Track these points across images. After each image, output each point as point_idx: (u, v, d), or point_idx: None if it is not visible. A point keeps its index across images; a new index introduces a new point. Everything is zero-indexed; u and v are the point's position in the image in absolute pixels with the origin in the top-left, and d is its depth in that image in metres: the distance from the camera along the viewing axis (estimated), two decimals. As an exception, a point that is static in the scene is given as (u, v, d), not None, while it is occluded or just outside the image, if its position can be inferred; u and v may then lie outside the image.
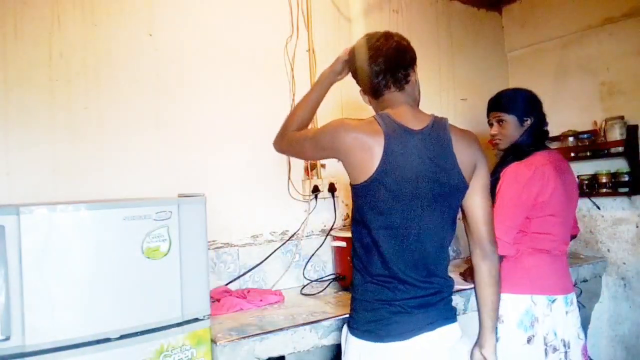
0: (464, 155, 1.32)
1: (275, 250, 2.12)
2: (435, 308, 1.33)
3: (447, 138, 1.32)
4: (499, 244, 1.71)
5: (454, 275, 2.19)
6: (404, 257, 1.31)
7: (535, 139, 1.83)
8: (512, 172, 1.74)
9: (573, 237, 2.04)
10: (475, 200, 1.35)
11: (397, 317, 1.30)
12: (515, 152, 1.81)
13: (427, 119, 1.35)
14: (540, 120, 1.85)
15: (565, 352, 1.73)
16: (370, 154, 1.28)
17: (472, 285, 2.00)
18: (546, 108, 1.88)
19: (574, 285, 1.93)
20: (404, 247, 1.31)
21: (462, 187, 1.33)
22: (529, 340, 1.72)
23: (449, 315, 1.37)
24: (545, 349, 1.72)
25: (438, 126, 1.33)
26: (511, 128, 1.84)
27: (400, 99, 1.38)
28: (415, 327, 1.29)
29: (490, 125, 1.92)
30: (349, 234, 2.05)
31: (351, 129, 1.30)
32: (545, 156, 1.77)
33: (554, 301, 1.73)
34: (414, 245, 1.31)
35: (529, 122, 1.83)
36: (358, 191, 1.36)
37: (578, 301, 1.90)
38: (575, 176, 1.93)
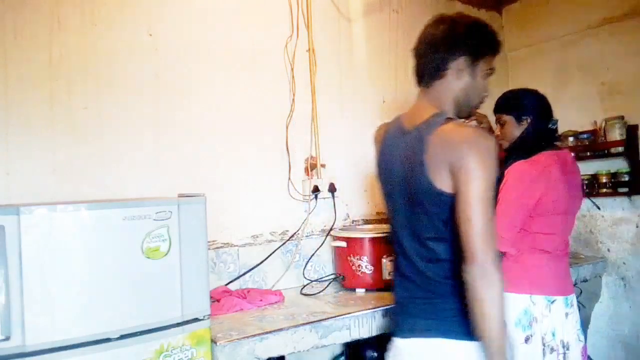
0: (438, 159, 1.16)
1: (275, 250, 2.12)
2: (412, 316, 1.28)
3: (426, 139, 1.18)
4: (497, 239, 1.71)
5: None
6: (400, 255, 1.33)
7: (537, 137, 1.82)
8: (518, 171, 1.74)
9: None
10: (456, 211, 1.14)
11: (393, 314, 1.38)
12: (516, 151, 1.82)
13: (424, 116, 1.23)
14: (542, 118, 1.85)
15: (564, 354, 1.73)
16: (376, 155, 1.43)
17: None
18: (546, 108, 1.88)
19: (574, 286, 1.93)
20: (397, 246, 1.34)
21: (431, 192, 1.18)
22: (526, 340, 1.73)
23: (422, 326, 1.24)
24: (543, 349, 1.72)
25: (426, 125, 1.21)
26: (510, 128, 1.87)
27: (420, 95, 1.30)
28: (397, 328, 1.33)
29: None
30: (349, 234, 2.06)
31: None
32: (552, 156, 1.77)
33: (553, 302, 1.73)
34: (402, 246, 1.32)
35: (527, 120, 1.83)
36: None
37: (578, 301, 1.90)
38: (581, 177, 1.93)
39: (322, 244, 2.24)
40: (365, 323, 1.72)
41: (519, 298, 1.75)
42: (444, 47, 1.22)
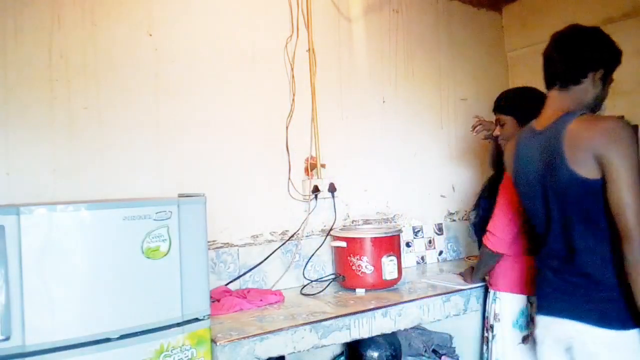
0: (579, 148, 1.26)
1: (275, 250, 2.12)
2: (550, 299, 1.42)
3: (560, 134, 1.29)
4: (495, 241, 1.72)
5: (454, 275, 2.20)
6: (543, 247, 1.46)
7: None
8: None
9: None
10: (608, 195, 1.24)
11: (538, 297, 1.50)
12: None
13: (556, 116, 1.35)
14: None
15: None
16: (510, 157, 1.53)
17: (472, 286, 2.02)
18: (546, 108, 1.88)
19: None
20: (541, 239, 1.45)
21: (574, 181, 1.27)
22: (523, 340, 1.73)
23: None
24: None
25: (562, 121, 1.32)
26: (510, 129, 1.85)
27: (553, 98, 1.41)
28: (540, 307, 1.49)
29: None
30: (349, 234, 2.06)
31: None
32: None
33: None
34: (545, 238, 1.42)
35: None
36: None
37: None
38: None
39: (322, 244, 2.24)
40: (365, 323, 1.72)
41: (517, 298, 1.75)
42: (587, 57, 1.37)
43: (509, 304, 1.76)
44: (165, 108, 1.93)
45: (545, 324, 1.43)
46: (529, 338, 1.73)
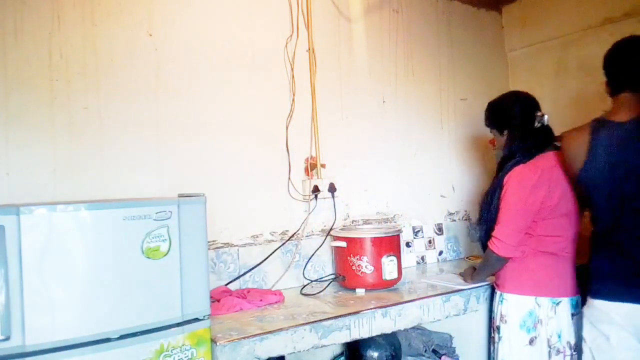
0: None
1: (275, 250, 2.12)
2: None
3: None
4: (502, 246, 1.72)
5: (454, 275, 2.20)
6: (618, 238, 1.53)
7: (525, 141, 1.81)
8: (517, 177, 1.74)
9: None
10: None
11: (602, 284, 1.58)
12: (509, 160, 1.82)
13: (637, 110, 1.47)
14: (521, 122, 1.83)
15: (572, 355, 1.73)
16: (584, 147, 1.57)
17: (472, 286, 2.02)
18: (546, 108, 1.88)
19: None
20: (620, 230, 1.52)
21: None
22: (531, 342, 1.72)
23: None
24: (549, 351, 1.72)
25: None
26: (498, 140, 1.93)
27: (626, 98, 1.54)
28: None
29: None
30: (349, 234, 2.06)
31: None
32: (552, 158, 1.75)
33: (558, 303, 1.72)
34: (624, 227, 1.49)
35: (506, 131, 1.87)
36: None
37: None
38: None
39: (322, 244, 2.24)
40: (365, 323, 1.72)
41: (524, 300, 1.75)
42: None
43: (515, 306, 1.76)
44: (165, 108, 1.93)
45: (612, 310, 1.50)
46: (536, 339, 1.73)
